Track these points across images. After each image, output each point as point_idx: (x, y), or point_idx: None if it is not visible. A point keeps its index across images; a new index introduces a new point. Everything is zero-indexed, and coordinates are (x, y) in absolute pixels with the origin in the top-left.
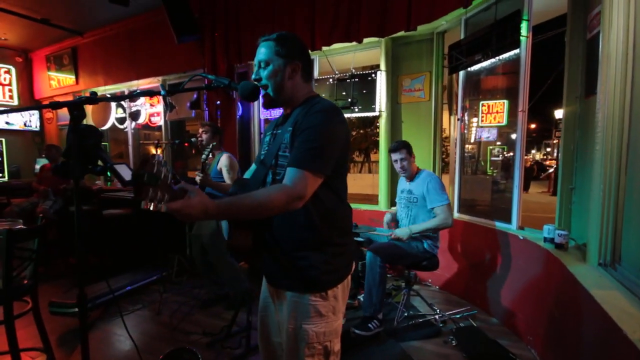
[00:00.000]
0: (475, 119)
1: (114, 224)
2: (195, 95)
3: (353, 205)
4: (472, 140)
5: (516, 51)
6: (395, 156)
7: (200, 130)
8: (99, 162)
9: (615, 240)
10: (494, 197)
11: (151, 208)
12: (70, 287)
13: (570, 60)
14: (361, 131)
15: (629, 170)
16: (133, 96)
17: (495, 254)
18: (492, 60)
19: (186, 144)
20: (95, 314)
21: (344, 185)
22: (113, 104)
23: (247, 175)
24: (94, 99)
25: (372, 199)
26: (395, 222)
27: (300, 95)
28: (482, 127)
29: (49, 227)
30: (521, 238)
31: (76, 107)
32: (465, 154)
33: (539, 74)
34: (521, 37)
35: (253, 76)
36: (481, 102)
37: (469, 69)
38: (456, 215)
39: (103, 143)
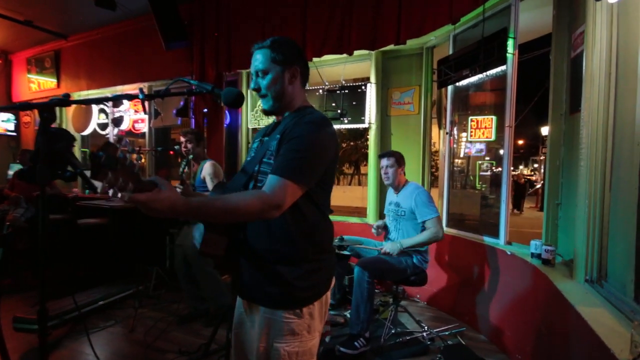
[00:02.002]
0: (464, 134)
1: (89, 233)
2: (182, 102)
3: (341, 218)
4: (462, 155)
5: (503, 67)
6: (383, 162)
7: (183, 139)
8: (69, 168)
9: (601, 256)
10: (482, 212)
11: (110, 194)
12: (38, 301)
13: (555, 78)
14: (351, 143)
15: (613, 187)
16: (109, 99)
17: (483, 269)
18: (480, 75)
19: (171, 152)
20: (63, 330)
21: (327, 200)
22: (95, 109)
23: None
24: (66, 100)
25: (362, 211)
26: (385, 230)
27: (296, 101)
28: (471, 142)
29: (18, 237)
30: (509, 253)
31: (46, 109)
32: (455, 169)
33: (526, 92)
34: (507, 54)
35: (252, 85)
36: (470, 118)
37: (457, 83)
38: (445, 229)
39: (83, 149)
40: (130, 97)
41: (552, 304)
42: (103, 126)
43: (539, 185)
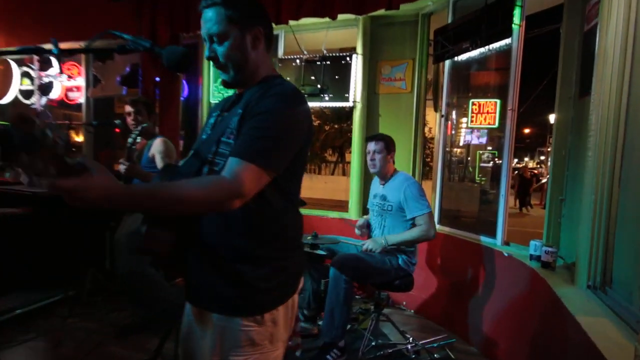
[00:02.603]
0: (464, 119)
1: (6, 226)
2: (127, 68)
3: (318, 213)
4: (461, 143)
5: (507, 41)
6: (371, 146)
7: (131, 109)
8: None
9: (606, 259)
10: (481, 208)
11: (25, 181)
12: None
13: (565, 56)
14: (335, 126)
15: (623, 180)
16: (10, 53)
17: (478, 272)
18: (482, 50)
19: (117, 130)
20: None
21: (297, 187)
22: (16, 72)
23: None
24: None
25: (346, 206)
26: (369, 229)
27: (262, 70)
28: (471, 128)
29: None
30: (506, 255)
31: None
32: (452, 158)
33: (535, 73)
34: (513, 26)
35: (206, 53)
36: (471, 101)
37: (456, 58)
38: (437, 227)
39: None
40: (39, 52)
41: (550, 313)
42: (27, 94)
43: (544, 180)
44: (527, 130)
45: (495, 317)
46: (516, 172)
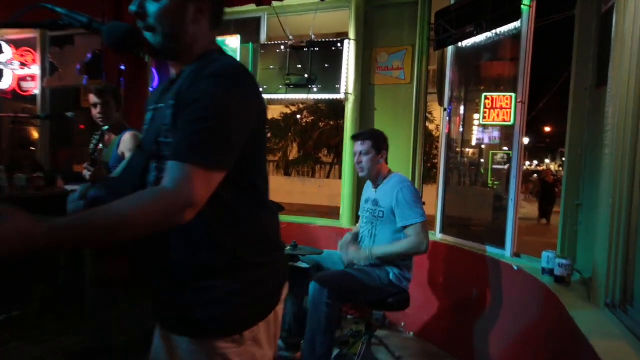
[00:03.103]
0: (476, 116)
1: None
2: (89, 55)
3: (305, 220)
4: (474, 143)
5: (517, 24)
6: (357, 146)
7: (94, 99)
8: None
9: (626, 273)
10: (492, 216)
11: None
12: None
13: (580, 41)
14: (331, 122)
15: None
16: None
17: (484, 288)
18: (491, 35)
19: (82, 127)
20: None
21: (261, 181)
22: None
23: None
24: None
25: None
26: (356, 245)
27: (199, 47)
28: (484, 125)
29: None
30: (515, 268)
31: None
32: (463, 160)
33: (557, 65)
34: (522, 7)
35: (132, 7)
36: (484, 94)
37: (461, 45)
38: (438, 236)
39: None
40: None
41: (563, 336)
42: None
43: None
44: (547, 129)
45: (503, 341)
46: (535, 175)
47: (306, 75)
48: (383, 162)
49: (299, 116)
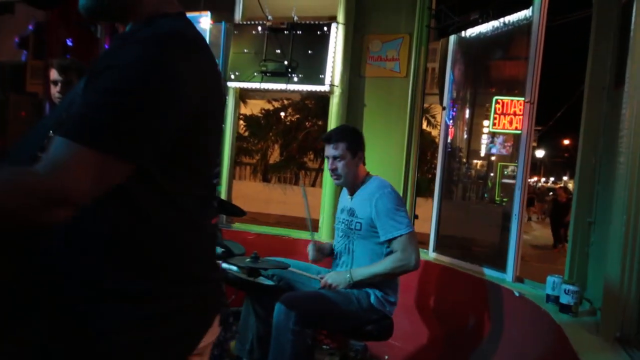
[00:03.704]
0: (486, 122)
1: None
2: (30, 27)
3: (280, 232)
4: (481, 153)
5: (527, 13)
6: (328, 150)
7: (56, 74)
8: None
9: None
10: (495, 235)
11: None
12: None
13: (598, 34)
14: (319, 122)
15: None
16: None
17: (481, 316)
18: (496, 24)
19: (22, 113)
20: None
21: (200, 191)
22: None
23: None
24: None
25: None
26: (323, 254)
27: (147, 7)
28: (493, 133)
29: None
30: (517, 295)
31: None
32: (468, 171)
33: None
34: None
35: None
36: (495, 98)
37: (465, 34)
38: (431, 255)
39: None
40: None
41: None
42: None
43: None
44: (566, 141)
45: None
46: (551, 193)
47: (285, 62)
48: (360, 165)
49: (282, 114)
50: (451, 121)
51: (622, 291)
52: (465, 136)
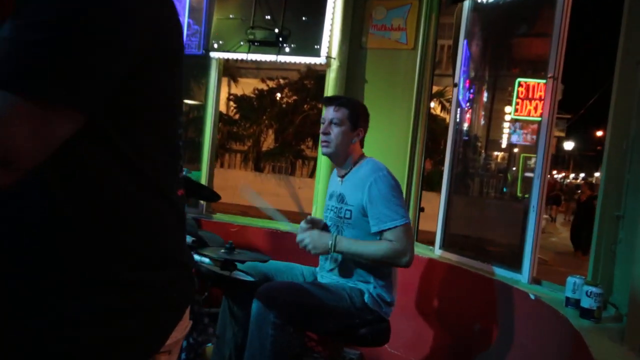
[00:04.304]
0: (508, 109)
1: None
2: None
3: (258, 223)
4: (502, 143)
5: None
6: (328, 113)
7: None
8: None
9: None
10: (513, 234)
11: None
12: None
13: (632, 3)
14: (319, 105)
15: None
16: None
17: (492, 321)
18: None
19: None
20: None
21: (159, 150)
22: None
23: None
24: None
25: None
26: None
27: None
28: (515, 120)
29: None
30: (532, 297)
31: None
32: (487, 163)
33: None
34: None
35: None
36: (518, 80)
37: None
38: (437, 252)
39: None
40: None
41: None
42: None
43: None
44: (599, 133)
45: None
46: (579, 191)
47: (276, 30)
48: (357, 143)
49: (278, 95)
50: (467, 104)
51: None
52: (483, 123)
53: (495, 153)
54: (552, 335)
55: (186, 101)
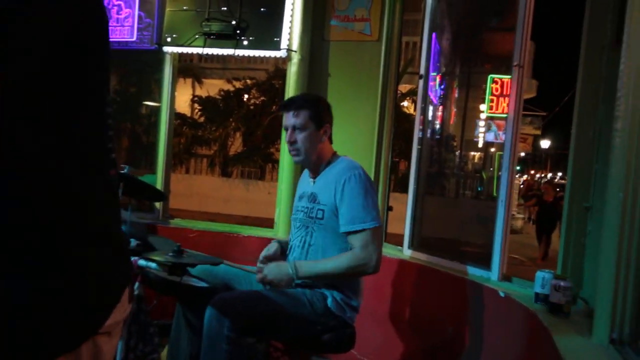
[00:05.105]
0: (482, 106)
1: None
2: None
3: (230, 228)
4: (475, 140)
5: None
6: (288, 119)
7: None
8: None
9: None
10: (487, 233)
11: None
12: None
13: None
14: None
15: None
16: None
17: (461, 321)
18: None
19: None
20: None
21: (87, 122)
22: None
23: None
24: None
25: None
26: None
27: None
28: (491, 118)
29: None
30: (502, 295)
31: None
32: (462, 163)
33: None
34: None
35: None
36: (491, 76)
37: None
38: (406, 253)
39: None
40: None
41: None
42: None
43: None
44: None
45: None
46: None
47: (233, 22)
48: (326, 141)
49: (245, 96)
50: (439, 101)
51: (617, 286)
52: (458, 121)
53: (472, 153)
54: (521, 332)
55: (146, 103)
